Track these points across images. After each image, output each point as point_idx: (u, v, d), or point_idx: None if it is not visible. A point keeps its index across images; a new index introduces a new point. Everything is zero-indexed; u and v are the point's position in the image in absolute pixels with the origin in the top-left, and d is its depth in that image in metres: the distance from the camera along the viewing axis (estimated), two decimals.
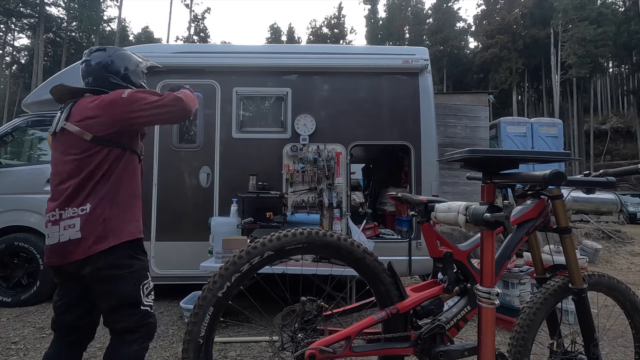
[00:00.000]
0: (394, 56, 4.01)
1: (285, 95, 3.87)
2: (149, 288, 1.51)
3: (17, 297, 3.52)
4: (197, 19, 38.92)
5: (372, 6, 43.92)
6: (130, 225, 1.54)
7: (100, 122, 1.48)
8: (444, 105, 8.08)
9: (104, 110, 1.49)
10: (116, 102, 1.49)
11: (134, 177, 1.62)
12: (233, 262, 1.18)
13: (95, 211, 1.44)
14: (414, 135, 3.85)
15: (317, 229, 1.26)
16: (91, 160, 1.47)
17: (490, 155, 1.33)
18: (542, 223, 1.49)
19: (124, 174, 1.56)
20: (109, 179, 1.50)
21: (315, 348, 1.14)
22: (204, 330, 1.13)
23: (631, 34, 30.02)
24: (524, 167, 1.37)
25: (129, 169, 1.59)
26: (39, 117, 3.99)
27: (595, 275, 1.51)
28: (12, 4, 27.44)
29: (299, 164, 3.78)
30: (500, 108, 32.05)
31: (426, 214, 1.44)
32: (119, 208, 1.51)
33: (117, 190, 1.52)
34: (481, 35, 35.28)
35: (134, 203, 1.61)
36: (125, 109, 1.49)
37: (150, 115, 1.54)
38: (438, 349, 1.26)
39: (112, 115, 1.49)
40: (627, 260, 6.68)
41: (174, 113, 1.59)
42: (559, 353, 1.48)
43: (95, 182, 1.47)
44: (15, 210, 3.67)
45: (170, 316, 3.28)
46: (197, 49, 5.62)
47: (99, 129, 1.48)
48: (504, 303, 3.15)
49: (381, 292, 1.29)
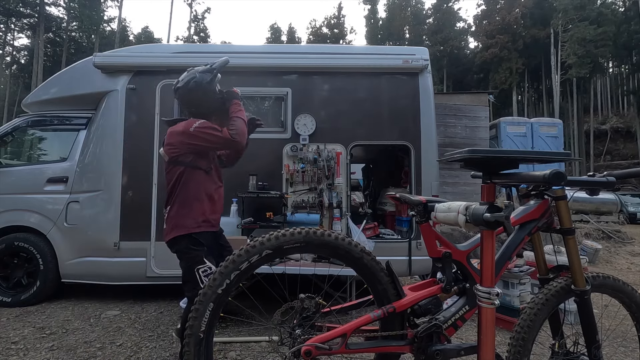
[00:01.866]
0: (394, 56, 4.00)
1: (285, 95, 3.87)
2: (205, 272, 1.94)
3: (17, 297, 3.51)
4: (197, 18, 38.94)
5: (372, 6, 43.91)
6: (188, 221, 2.05)
7: (171, 148, 2.07)
8: (444, 105, 8.08)
9: (175, 138, 2.06)
10: (184, 133, 2.03)
11: (197, 185, 2.11)
12: (232, 260, 1.20)
13: (172, 211, 2.07)
14: (414, 135, 3.85)
15: (315, 229, 1.26)
16: (171, 176, 2.10)
17: (490, 155, 1.33)
18: (545, 224, 1.48)
19: (190, 183, 2.09)
20: (179, 188, 2.08)
21: (312, 344, 1.16)
22: (204, 325, 1.17)
23: (631, 34, 30.01)
24: (524, 167, 1.37)
25: (194, 178, 2.10)
26: (39, 117, 3.99)
27: (600, 277, 1.49)
28: (12, 4, 27.45)
29: (299, 164, 3.78)
30: (500, 108, 32.05)
31: (426, 214, 1.44)
32: (183, 209, 2.05)
33: (184, 196, 2.07)
34: (481, 35, 35.27)
35: (195, 204, 2.09)
36: (189, 140, 2.03)
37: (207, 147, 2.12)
38: (434, 348, 1.27)
39: (180, 142, 2.05)
40: (627, 261, 6.67)
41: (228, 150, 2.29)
42: (561, 354, 1.48)
43: (174, 191, 2.08)
44: (15, 210, 3.67)
45: (170, 316, 3.28)
46: (197, 49, 5.63)
47: (171, 153, 2.07)
48: (504, 303, 3.15)
49: (378, 290, 1.31)
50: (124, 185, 3.63)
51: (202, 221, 2.10)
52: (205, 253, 2.05)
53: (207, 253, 2.07)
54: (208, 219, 2.14)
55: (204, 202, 2.13)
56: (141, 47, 4.30)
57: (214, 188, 2.20)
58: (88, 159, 3.75)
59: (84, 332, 2.88)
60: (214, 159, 2.27)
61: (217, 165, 2.29)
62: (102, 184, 3.67)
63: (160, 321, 3.14)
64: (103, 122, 3.78)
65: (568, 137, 28.23)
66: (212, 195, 2.18)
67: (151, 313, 3.37)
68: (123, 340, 2.70)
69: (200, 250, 2.04)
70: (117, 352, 2.50)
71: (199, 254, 2.03)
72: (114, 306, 3.55)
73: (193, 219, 2.07)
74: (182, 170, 2.07)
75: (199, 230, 2.07)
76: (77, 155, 3.77)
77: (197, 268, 1.97)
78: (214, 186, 2.20)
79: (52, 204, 3.66)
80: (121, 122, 3.71)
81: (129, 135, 3.70)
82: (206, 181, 2.16)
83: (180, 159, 2.06)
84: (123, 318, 3.22)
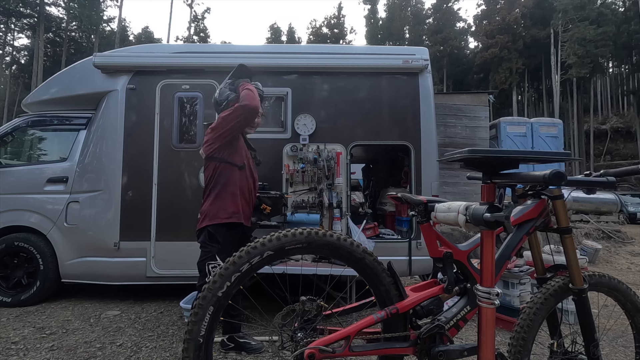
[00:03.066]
0: (394, 56, 4.00)
1: (285, 95, 3.87)
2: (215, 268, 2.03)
3: (17, 297, 3.51)
4: (197, 19, 38.92)
5: (372, 6, 43.90)
6: (221, 212, 2.27)
7: (206, 145, 2.37)
8: (444, 105, 8.08)
9: (208, 135, 2.37)
10: (213, 129, 2.35)
11: (229, 179, 2.34)
12: (233, 261, 1.18)
13: (206, 203, 2.34)
14: (414, 135, 3.84)
15: (316, 229, 1.25)
16: (208, 172, 2.37)
17: (490, 155, 1.33)
18: (542, 223, 1.48)
19: (221, 178, 2.33)
20: (214, 182, 2.33)
21: (315, 347, 1.14)
22: (204, 329, 1.14)
23: (631, 34, 30.00)
24: (524, 167, 1.37)
25: (225, 174, 2.34)
26: (39, 117, 3.99)
27: (596, 276, 1.51)
28: (12, 4, 27.42)
29: (299, 164, 3.78)
30: (500, 108, 32.06)
31: (426, 214, 1.44)
32: (217, 201, 2.30)
33: (219, 189, 2.32)
34: (481, 35, 35.28)
35: (227, 197, 2.32)
36: (218, 132, 2.33)
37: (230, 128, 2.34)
38: (437, 349, 1.26)
39: (212, 138, 2.34)
40: (627, 260, 6.68)
41: (245, 118, 2.36)
42: (559, 353, 1.48)
43: (209, 185, 2.35)
44: (15, 210, 3.67)
45: (170, 316, 3.28)
46: (197, 49, 5.62)
47: (207, 150, 2.36)
48: (504, 303, 3.15)
49: (381, 292, 1.29)
50: (124, 185, 3.63)
51: (233, 212, 2.31)
52: (219, 250, 2.22)
53: (221, 250, 2.23)
54: (239, 211, 2.35)
55: (237, 196, 2.35)
56: (141, 47, 4.29)
57: (247, 184, 2.42)
58: (88, 159, 3.75)
59: (84, 332, 2.88)
60: (248, 156, 2.49)
61: (251, 163, 2.50)
62: (102, 184, 3.67)
63: (160, 321, 3.14)
64: (103, 122, 3.78)
65: (568, 137, 28.24)
66: (244, 191, 2.39)
67: (151, 313, 3.36)
68: (123, 340, 2.70)
69: (214, 247, 2.22)
70: (117, 352, 2.50)
71: (212, 249, 2.21)
72: (114, 306, 3.54)
73: (225, 210, 2.29)
74: (217, 165, 2.32)
75: (230, 221, 2.30)
76: (77, 155, 3.77)
77: (208, 263, 2.17)
78: (246, 182, 2.42)
79: (52, 204, 3.66)
80: (121, 122, 3.71)
81: (129, 135, 3.69)
82: (240, 177, 2.37)
83: (215, 154, 2.32)
84: (123, 318, 3.22)
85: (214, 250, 2.21)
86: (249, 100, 2.31)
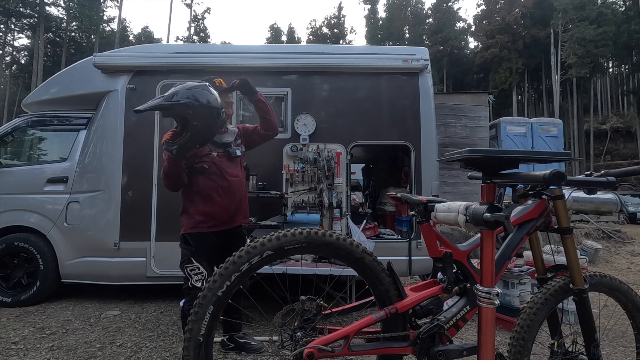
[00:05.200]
0: (393, 56, 4.00)
1: (285, 95, 3.87)
2: (193, 271, 2.11)
3: (17, 297, 3.51)
4: (197, 19, 38.92)
5: (372, 6, 43.91)
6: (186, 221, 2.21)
7: None
8: (444, 105, 8.07)
9: None
10: None
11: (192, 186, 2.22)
12: (233, 261, 1.18)
13: None
14: (414, 135, 3.84)
15: (316, 229, 1.25)
16: None
17: (490, 155, 1.33)
18: (543, 223, 1.48)
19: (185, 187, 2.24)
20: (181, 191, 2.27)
21: (314, 347, 1.14)
22: (204, 328, 1.14)
23: (631, 34, 29.99)
24: (524, 167, 1.37)
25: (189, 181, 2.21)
26: (39, 117, 3.99)
27: (597, 276, 1.50)
28: (12, 4, 27.42)
29: (299, 164, 3.78)
30: (500, 108, 32.06)
31: (426, 214, 1.44)
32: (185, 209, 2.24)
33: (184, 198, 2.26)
34: (481, 35, 35.27)
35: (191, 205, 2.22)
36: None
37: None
38: (437, 349, 1.26)
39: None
40: (627, 260, 6.67)
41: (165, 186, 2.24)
42: (560, 353, 1.48)
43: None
44: (15, 210, 3.67)
45: (170, 316, 3.28)
46: (197, 49, 5.62)
47: None
48: (504, 303, 3.15)
49: (380, 291, 1.29)
50: (124, 185, 3.63)
51: (198, 222, 2.18)
52: (192, 252, 2.16)
53: (195, 252, 2.16)
54: (206, 219, 2.19)
55: (204, 201, 2.19)
56: (141, 47, 4.29)
57: (216, 185, 2.20)
58: (88, 159, 3.75)
59: (84, 332, 2.88)
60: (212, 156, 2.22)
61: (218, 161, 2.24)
62: (102, 184, 3.67)
63: (160, 321, 3.14)
64: (103, 122, 3.78)
65: (568, 137, 28.23)
66: (212, 194, 2.19)
67: (151, 313, 3.36)
68: (123, 340, 2.70)
69: (187, 250, 2.17)
70: (117, 352, 2.50)
71: (185, 252, 2.17)
72: (114, 306, 3.55)
73: (190, 220, 2.20)
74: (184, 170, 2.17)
75: (195, 231, 2.18)
76: (77, 155, 3.77)
77: (184, 266, 2.14)
78: (215, 183, 2.20)
79: (52, 204, 3.66)
80: (121, 122, 3.71)
81: (129, 135, 3.69)
82: (204, 180, 2.19)
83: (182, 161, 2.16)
84: (123, 318, 3.22)
85: (188, 254, 2.16)
86: (163, 170, 2.12)
